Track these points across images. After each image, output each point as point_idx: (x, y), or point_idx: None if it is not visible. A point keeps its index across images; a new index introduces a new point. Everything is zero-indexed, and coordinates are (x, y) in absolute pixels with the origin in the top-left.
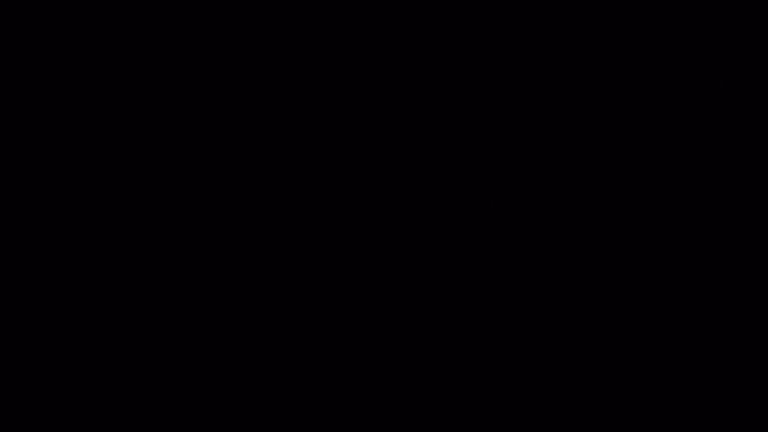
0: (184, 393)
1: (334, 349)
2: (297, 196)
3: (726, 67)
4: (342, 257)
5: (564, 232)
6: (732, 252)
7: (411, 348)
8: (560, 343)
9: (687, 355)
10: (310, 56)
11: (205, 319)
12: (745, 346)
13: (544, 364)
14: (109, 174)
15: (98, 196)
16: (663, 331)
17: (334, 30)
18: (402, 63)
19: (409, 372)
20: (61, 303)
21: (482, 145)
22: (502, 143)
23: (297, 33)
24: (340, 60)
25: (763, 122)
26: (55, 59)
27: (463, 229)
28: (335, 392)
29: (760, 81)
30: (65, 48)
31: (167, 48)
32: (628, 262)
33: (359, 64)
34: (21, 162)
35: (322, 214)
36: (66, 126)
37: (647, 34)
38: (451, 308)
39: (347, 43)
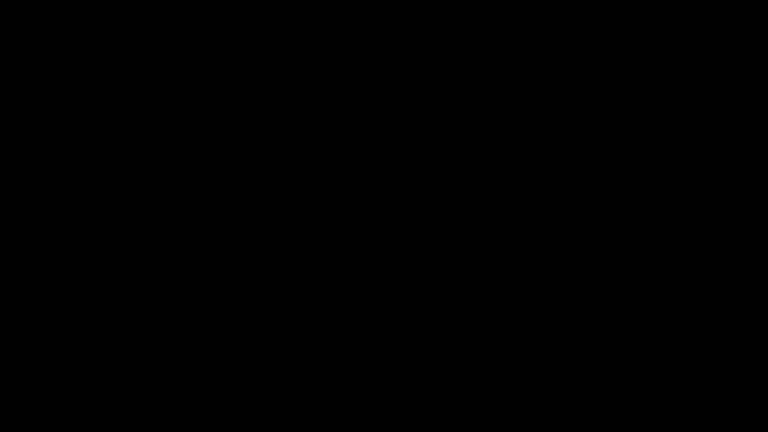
0: (184, 393)
1: (334, 349)
2: (297, 196)
3: (726, 67)
4: (342, 257)
5: (564, 232)
6: (732, 252)
7: (411, 348)
8: (560, 343)
9: (687, 355)
10: (309, 56)
11: (205, 319)
12: (745, 346)
13: (544, 364)
14: (109, 174)
15: (98, 196)
16: (663, 331)
17: (334, 30)
18: (402, 63)
19: (409, 372)
20: (61, 303)
21: (482, 145)
22: (502, 143)
23: (297, 33)
24: (340, 60)
25: (763, 122)
26: (55, 59)
27: (463, 229)
28: (335, 392)
29: (760, 81)
30: (65, 48)
31: (167, 48)
32: (628, 262)
33: (359, 64)
34: (21, 162)
35: (322, 214)
36: (66, 126)
37: (647, 34)
38: (451, 308)
39: (347, 43)
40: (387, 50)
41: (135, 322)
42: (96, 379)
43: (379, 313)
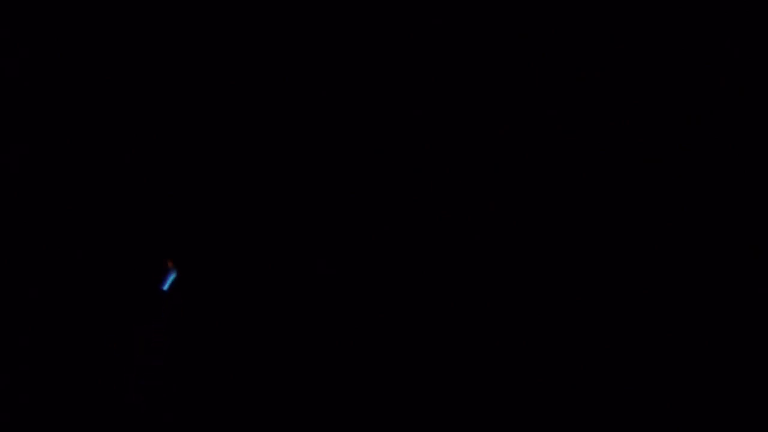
0: (185, 392)
1: (334, 348)
2: (296, 197)
3: (726, 67)
4: (342, 257)
5: (564, 232)
6: (732, 252)
7: (411, 347)
8: (560, 343)
9: (687, 354)
10: (310, 57)
11: (206, 319)
12: (745, 346)
13: (544, 364)
14: (108, 174)
15: (98, 196)
16: (663, 331)
17: (334, 30)
18: (402, 63)
19: (408, 371)
20: (61, 303)
21: (482, 145)
22: (502, 143)
23: (297, 33)
24: (340, 61)
25: (763, 122)
26: (55, 59)
27: (463, 229)
28: (335, 391)
29: (760, 81)
30: (65, 48)
31: (167, 48)
32: (628, 262)
33: (360, 65)
34: (21, 162)
35: (322, 215)
36: (66, 126)
37: (647, 34)
38: (451, 308)
39: (347, 43)
40: (387, 50)
41: (135, 321)
42: (96, 379)
43: (379, 312)
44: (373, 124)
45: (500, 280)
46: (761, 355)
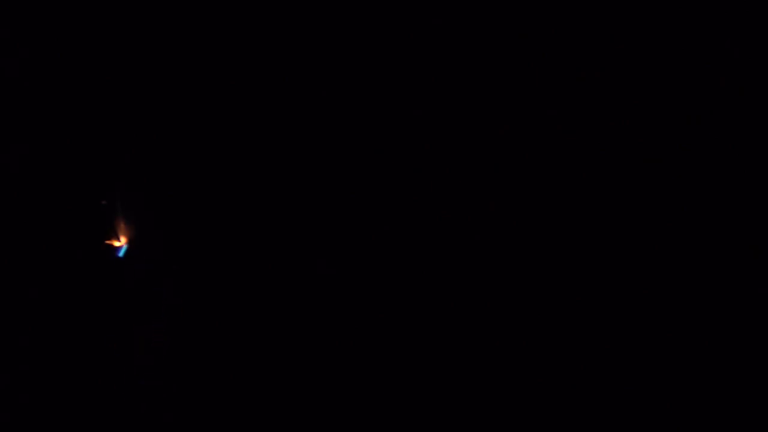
0: (185, 392)
1: (334, 348)
2: (296, 197)
3: (726, 67)
4: (341, 257)
5: (564, 232)
6: (732, 252)
7: (410, 347)
8: (560, 342)
9: (687, 354)
10: (310, 57)
11: (206, 319)
12: (745, 346)
13: (544, 364)
14: (108, 174)
15: (98, 196)
16: (663, 331)
17: (334, 31)
18: (402, 63)
19: (409, 372)
20: (61, 303)
21: (482, 145)
22: (502, 143)
23: (297, 34)
24: (341, 61)
25: (763, 122)
26: (55, 59)
27: (463, 229)
28: (335, 390)
29: (760, 81)
30: (65, 48)
31: (167, 48)
32: (628, 262)
33: (360, 65)
34: (21, 162)
35: (322, 215)
36: (66, 126)
37: (647, 34)
38: (451, 308)
39: (347, 43)
40: (387, 50)
41: (135, 321)
42: (96, 379)
43: (379, 312)
44: (373, 124)
45: (500, 280)
46: (761, 355)
